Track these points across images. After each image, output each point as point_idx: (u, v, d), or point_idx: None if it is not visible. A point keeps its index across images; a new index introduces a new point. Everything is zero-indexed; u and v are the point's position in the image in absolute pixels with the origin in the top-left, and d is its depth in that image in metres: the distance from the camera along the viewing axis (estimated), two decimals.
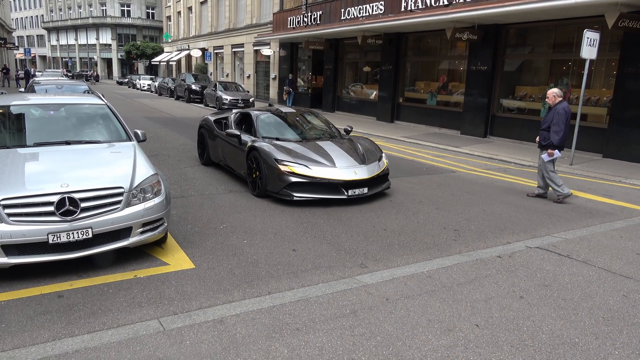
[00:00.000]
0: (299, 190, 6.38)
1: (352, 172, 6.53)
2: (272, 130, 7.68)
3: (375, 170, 6.83)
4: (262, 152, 6.68)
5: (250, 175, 7.10)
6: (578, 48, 10.73)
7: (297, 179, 6.34)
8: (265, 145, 6.79)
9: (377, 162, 7.04)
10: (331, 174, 6.40)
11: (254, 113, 8.03)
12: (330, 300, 3.71)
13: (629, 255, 4.91)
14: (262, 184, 6.69)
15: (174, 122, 16.93)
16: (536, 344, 3.15)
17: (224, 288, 3.91)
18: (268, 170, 6.55)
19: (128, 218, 4.16)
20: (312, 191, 6.40)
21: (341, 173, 6.46)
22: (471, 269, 4.42)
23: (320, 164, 6.53)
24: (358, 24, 17.13)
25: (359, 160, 6.86)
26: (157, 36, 64.60)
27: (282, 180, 6.39)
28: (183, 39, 43.46)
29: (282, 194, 6.44)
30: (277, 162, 6.45)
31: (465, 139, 14.36)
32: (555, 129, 6.94)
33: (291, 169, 6.37)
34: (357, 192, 6.54)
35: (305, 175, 6.34)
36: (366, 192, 6.64)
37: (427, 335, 3.22)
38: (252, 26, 29.16)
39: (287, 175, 6.36)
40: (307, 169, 6.38)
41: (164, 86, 33.52)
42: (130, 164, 4.62)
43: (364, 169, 6.70)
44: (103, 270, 4.17)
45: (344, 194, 6.44)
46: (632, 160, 10.73)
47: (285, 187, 6.38)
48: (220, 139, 8.27)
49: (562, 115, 6.92)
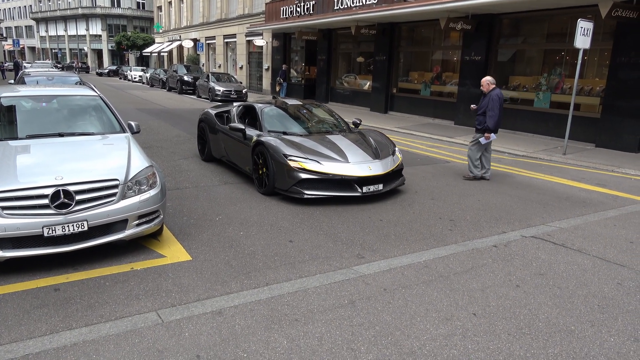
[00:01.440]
0: (310, 187, 6.03)
1: (366, 167, 6.18)
2: (278, 123, 7.32)
3: (390, 165, 6.51)
4: (269, 147, 6.31)
5: (256, 171, 6.74)
6: (571, 38, 10.74)
7: (308, 175, 5.99)
8: (273, 140, 6.43)
9: (391, 156, 6.70)
10: (344, 170, 6.06)
11: (258, 106, 7.67)
12: (328, 290, 3.71)
13: (623, 243, 4.96)
14: (269, 181, 6.34)
15: (166, 113, 16.80)
16: (533, 331, 3.19)
17: (222, 280, 3.90)
18: (276, 166, 6.20)
19: (123, 210, 4.13)
20: (324, 188, 6.05)
21: (355, 169, 6.11)
22: (467, 259, 4.44)
23: (332, 159, 6.19)
24: (351, 13, 17.03)
25: (373, 155, 6.52)
26: (148, 27, 63.86)
27: (291, 177, 6.04)
28: (174, 29, 43.01)
29: (292, 192, 6.09)
30: (286, 157, 6.10)
31: (459, 129, 14.39)
32: (490, 113, 7.55)
33: (301, 165, 6.01)
34: (371, 189, 6.18)
35: (317, 172, 5.99)
36: (381, 189, 6.29)
37: (425, 324, 3.24)
38: (245, 16, 28.91)
39: (297, 171, 6.00)
40: (319, 165, 6.04)
41: (155, 77, 33.22)
42: (125, 156, 4.58)
43: (379, 164, 6.35)
44: (99, 262, 4.15)
45: (358, 191, 6.09)
46: (624, 150, 10.81)
47: (295, 185, 6.03)
48: (223, 134, 7.90)
49: (496, 100, 7.54)
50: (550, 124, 12.64)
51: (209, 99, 22.96)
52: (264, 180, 6.52)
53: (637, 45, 10.44)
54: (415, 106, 17.06)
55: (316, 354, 2.88)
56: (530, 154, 10.60)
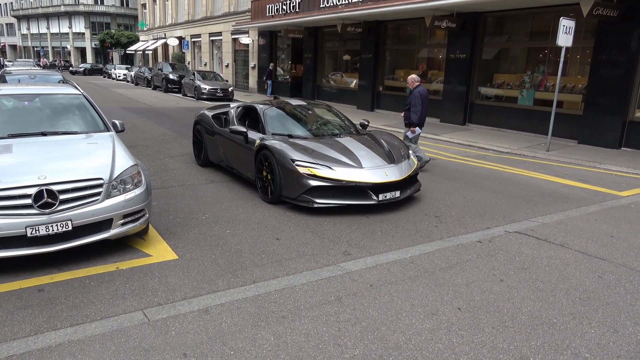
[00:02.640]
0: (321, 195, 5.55)
1: (382, 173, 5.72)
2: (283, 125, 6.86)
3: (407, 170, 6.04)
4: (275, 152, 5.83)
5: (260, 178, 6.26)
6: (554, 36, 10.87)
7: (319, 182, 5.51)
8: (278, 144, 5.96)
9: (407, 160, 6.25)
10: (358, 176, 5.59)
11: (260, 107, 7.19)
12: (315, 287, 3.74)
13: (604, 237, 5.06)
14: (275, 189, 5.85)
15: (151, 112, 16.66)
16: (516, 325, 3.24)
17: (208, 278, 3.90)
18: (283, 172, 5.72)
19: (108, 210, 4.11)
20: (336, 196, 5.57)
21: (369, 174, 5.65)
22: (452, 254, 4.50)
23: (345, 164, 5.72)
24: (337, 11, 17.04)
25: (387, 159, 6.07)
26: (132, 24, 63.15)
27: (300, 184, 5.57)
28: (159, 27, 42.60)
29: (301, 200, 5.62)
30: (293, 162, 5.62)
31: (444, 126, 14.50)
32: (413, 109, 8.14)
33: (311, 171, 5.53)
34: (388, 197, 5.69)
35: (329, 178, 5.52)
36: (398, 196, 5.81)
37: (410, 319, 3.28)
38: (230, 14, 28.75)
39: (306, 178, 5.53)
40: (330, 171, 5.57)
41: (140, 76, 32.89)
42: (109, 155, 4.55)
43: (395, 169, 5.89)
44: (84, 262, 4.11)
45: (373, 198, 5.60)
46: (605, 146, 11.00)
47: (305, 193, 5.55)
48: (221, 137, 7.39)
49: (417, 97, 8.16)
50: (534, 121, 12.81)
51: (194, 97, 22.82)
52: (268, 188, 6.03)
53: (618, 44, 10.63)
54: (402, 104, 17.03)
55: (303, 350, 2.90)
56: (514, 151, 10.73)
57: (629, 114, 10.77)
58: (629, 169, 8.87)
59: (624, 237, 5.10)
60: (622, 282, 3.96)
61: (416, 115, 8.13)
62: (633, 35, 10.38)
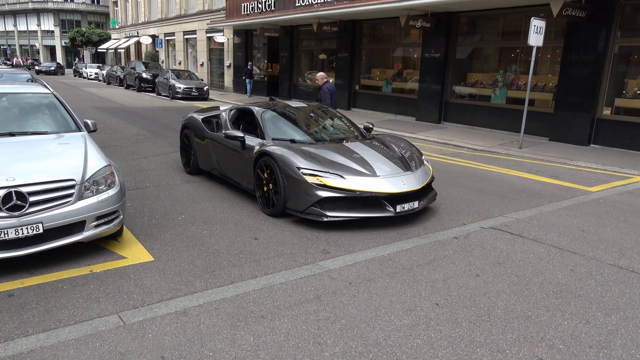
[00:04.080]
0: (332, 207, 5.03)
1: (398, 181, 5.21)
2: (283, 129, 6.30)
3: (424, 178, 5.56)
4: (278, 159, 5.29)
5: (260, 188, 5.72)
6: (525, 36, 11.10)
7: (330, 193, 4.97)
8: (281, 150, 5.40)
9: (422, 167, 5.78)
10: (373, 186, 5.06)
11: (256, 109, 6.60)
12: (294, 286, 3.72)
13: (575, 232, 5.20)
14: (279, 200, 5.31)
15: (125, 112, 16.34)
16: (492, 318, 3.30)
17: (186, 279, 3.84)
18: (288, 182, 5.19)
19: (81, 211, 4.01)
20: (349, 208, 5.06)
21: (385, 184, 5.12)
22: (430, 251, 4.55)
23: (357, 172, 5.20)
24: (313, 10, 17.04)
25: (403, 166, 5.57)
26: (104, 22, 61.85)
27: (309, 194, 5.02)
28: (131, 25, 41.83)
29: (310, 214, 5.08)
30: (300, 171, 5.09)
31: (420, 125, 14.67)
32: (324, 104, 8.74)
33: (321, 180, 4.99)
34: (406, 208, 5.19)
35: (341, 188, 4.98)
36: (417, 207, 5.31)
37: (389, 316, 3.30)
38: (205, 12, 28.43)
39: (315, 188, 4.99)
40: (342, 180, 5.03)
41: (112, 75, 32.24)
42: (81, 155, 4.44)
43: (412, 177, 5.39)
44: (56, 266, 4.00)
45: (390, 210, 5.09)
46: (576, 143, 11.30)
47: (314, 205, 5.03)
48: (213, 142, 6.79)
49: (326, 92, 9.15)
50: (506, 119, 13.07)
51: (169, 96, 22.50)
52: (270, 199, 5.52)
53: (586, 44, 10.93)
54: (378, 103, 17.28)
55: (283, 350, 2.89)
56: (488, 148, 10.93)
57: (597, 112, 11.09)
58: (597, 165, 9.14)
59: (594, 231, 5.24)
60: (593, 275, 4.07)
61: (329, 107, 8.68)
62: (600, 36, 10.69)
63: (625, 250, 4.68)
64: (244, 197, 6.29)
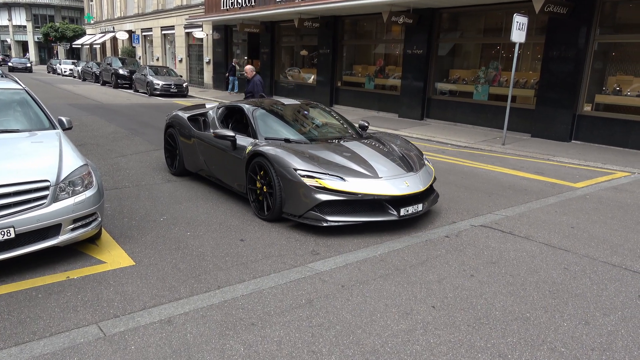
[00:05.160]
0: (332, 211, 4.73)
1: (401, 183, 4.93)
2: (277, 128, 5.99)
3: (428, 179, 5.29)
4: (273, 160, 4.98)
5: (253, 191, 5.39)
6: (506, 33, 11.14)
7: (330, 196, 4.67)
8: (277, 150, 5.08)
9: (424, 167, 5.53)
10: (375, 188, 4.77)
11: (247, 107, 6.25)
12: (285, 290, 3.56)
13: (565, 229, 5.16)
14: (274, 204, 5.00)
15: (101, 109, 15.88)
16: (491, 321, 3.20)
17: (169, 285, 3.65)
18: (285, 184, 4.88)
19: (56, 214, 3.77)
20: (351, 212, 4.77)
21: (388, 185, 4.84)
22: (422, 250, 4.44)
23: (358, 173, 4.92)
24: (294, 6, 16.82)
25: (405, 167, 5.32)
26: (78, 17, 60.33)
27: (308, 198, 4.72)
28: (107, 20, 40.85)
29: (308, 218, 4.79)
30: (297, 172, 4.79)
31: (403, 121, 14.62)
32: (257, 96, 9.13)
33: (320, 183, 4.69)
34: (410, 211, 4.92)
35: (341, 191, 4.67)
36: (421, 210, 5.07)
37: (385, 320, 3.17)
38: (183, 7, 27.90)
39: (314, 191, 4.68)
40: (342, 182, 4.73)
41: (88, 71, 31.44)
42: (56, 154, 4.19)
43: (415, 178, 5.13)
44: (30, 272, 3.76)
45: (394, 214, 4.83)
46: (557, 139, 11.39)
47: (313, 209, 4.73)
48: (201, 142, 6.42)
49: (259, 84, 9.42)
50: (488, 115, 13.11)
51: (147, 93, 22.01)
52: (265, 203, 5.20)
53: (567, 40, 11.00)
54: (360, 99, 17.17)
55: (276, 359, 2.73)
56: (471, 145, 10.92)
57: (578, 108, 11.19)
58: (580, 161, 9.20)
59: (583, 228, 5.21)
60: (587, 273, 4.02)
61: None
62: (580, 32, 10.77)
63: (616, 247, 4.65)
64: (228, 197, 6.09)
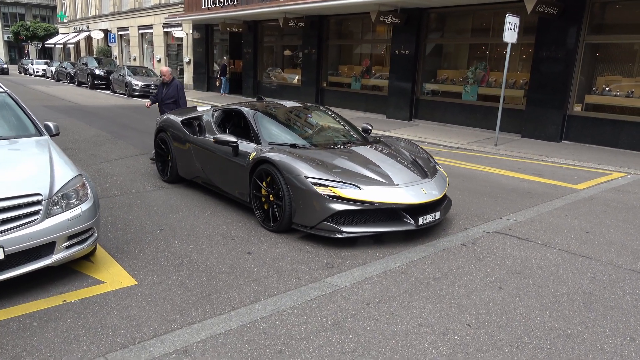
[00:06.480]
0: (348, 221, 4.45)
1: (418, 190, 4.67)
2: (281, 133, 5.67)
3: (444, 186, 5.04)
4: (281, 167, 4.65)
5: (257, 200, 5.06)
6: (494, 33, 11.07)
7: (345, 205, 4.37)
8: (285, 157, 4.75)
9: (438, 172, 5.28)
10: (392, 196, 4.49)
11: (247, 110, 5.87)
12: (307, 310, 3.29)
13: (581, 234, 5.02)
14: (283, 215, 4.68)
15: (79, 111, 15.27)
16: (533, 340, 2.99)
17: (179, 307, 3.33)
18: (295, 193, 4.57)
19: (50, 231, 3.41)
20: (366, 222, 4.49)
21: (405, 193, 4.56)
22: (441, 261, 4.22)
23: (373, 181, 4.62)
24: (279, 5, 16.49)
25: (419, 173, 5.05)
26: (50, 16, 58.51)
27: (321, 208, 4.41)
28: (81, 19, 39.66)
29: (322, 229, 4.48)
30: (308, 180, 4.47)
31: (391, 122, 14.46)
32: (182, 101, 8.15)
33: (335, 192, 4.39)
34: (428, 220, 4.67)
35: (357, 200, 4.39)
36: (439, 219, 4.84)
37: (422, 343, 2.93)
38: (161, 6, 27.22)
39: (328, 200, 4.38)
40: (358, 191, 4.43)
41: (62, 71, 30.42)
42: (46, 164, 3.82)
43: (432, 184, 4.87)
44: (22, 297, 3.39)
45: (411, 223, 4.55)
46: (547, 139, 11.38)
47: (327, 219, 4.43)
48: (197, 148, 6.04)
49: (182, 88, 8.29)
50: (478, 116, 13.05)
51: (125, 94, 21.37)
52: (272, 213, 4.88)
53: (557, 40, 10.99)
54: (347, 100, 16.95)
55: None
56: (464, 146, 10.82)
57: (568, 109, 11.20)
58: (574, 162, 9.17)
59: (598, 232, 5.08)
60: (616, 282, 3.86)
61: (186, 105, 8.15)
62: (570, 33, 10.78)
63: (637, 252, 4.53)
64: (226, 205, 5.78)
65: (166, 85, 8.19)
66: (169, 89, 8.13)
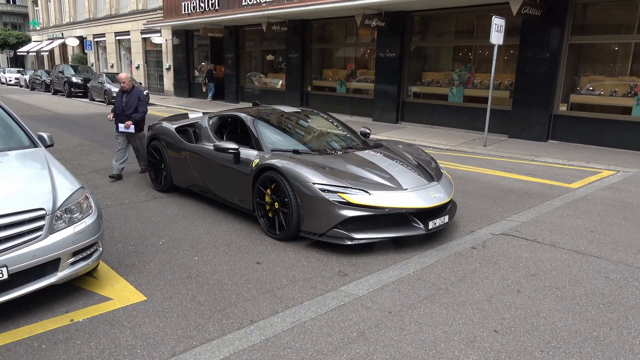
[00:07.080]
0: (358, 228, 4.36)
1: (427, 194, 4.61)
2: (283, 139, 5.57)
3: (450, 189, 5.00)
4: (288, 174, 4.53)
5: (261, 207, 4.96)
6: (478, 35, 11.16)
7: (356, 211, 4.28)
8: (290, 163, 4.63)
9: (443, 175, 5.24)
10: (402, 201, 4.43)
11: (246, 116, 5.71)
12: (329, 322, 3.19)
13: (586, 234, 5.04)
14: (290, 223, 4.56)
15: (58, 120, 14.87)
16: (562, 344, 2.95)
17: (195, 322, 3.19)
18: (303, 200, 4.45)
19: (54, 247, 3.24)
20: (376, 228, 4.41)
21: (414, 198, 4.51)
22: (455, 265, 4.17)
23: (381, 186, 4.56)
24: (261, 9, 16.37)
25: (425, 176, 4.99)
26: (22, 23, 57.09)
27: (331, 214, 4.31)
28: (55, 26, 38.78)
29: (332, 236, 4.37)
30: (317, 187, 4.38)
31: (378, 125, 14.46)
32: (143, 109, 7.38)
33: (344, 197, 4.29)
34: (437, 224, 4.61)
35: (367, 206, 4.30)
36: (447, 222, 4.80)
37: (452, 351, 2.86)
38: (138, 12, 26.78)
39: (338, 207, 4.28)
40: (367, 196, 4.35)
41: (37, 80, 29.67)
42: (47, 177, 3.64)
43: (439, 187, 4.82)
44: (26, 317, 3.21)
45: (421, 228, 4.50)
46: (534, 139, 11.53)
47: (337, 226, 4.33)
48: (194, 156, 5.88)
49: (144, 97, 7.47)
50: (464, 117, 13.15)
51: (104, 102, 20.93)
52: (277, 221, 4.77)
53: (542, 42, 11.16)
54: (332, 104, 16.90)
55: None
56: (453, 147, 10.87)
57: (554, 108, 11.37)
58: (564, 161, 9.29)
59: (603, 231, 5.11)
60: (630, 282, 3.87)
61: (145, 114, 7.48)
62: (554, 34, 10.95)
63: None
64: (226, 213, 5.64)
65: (126, 93, 7.35)
66: (129, 97, 7.30)
